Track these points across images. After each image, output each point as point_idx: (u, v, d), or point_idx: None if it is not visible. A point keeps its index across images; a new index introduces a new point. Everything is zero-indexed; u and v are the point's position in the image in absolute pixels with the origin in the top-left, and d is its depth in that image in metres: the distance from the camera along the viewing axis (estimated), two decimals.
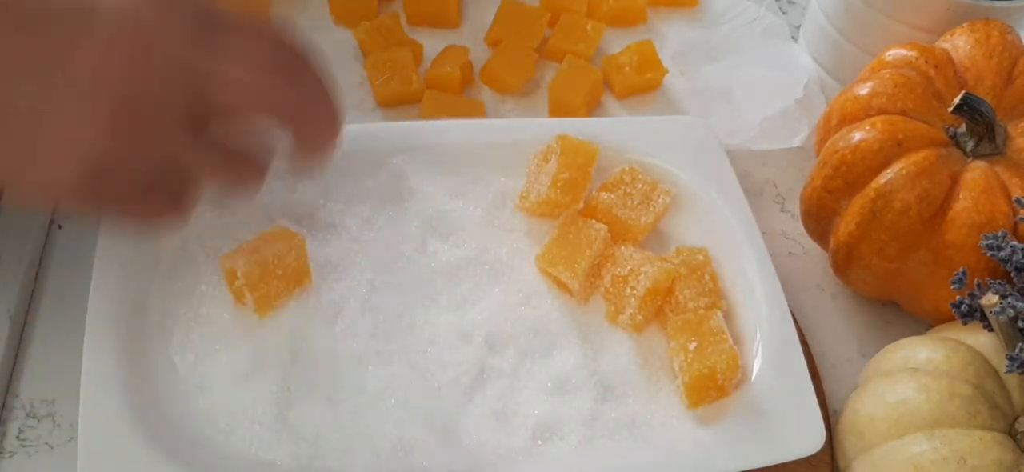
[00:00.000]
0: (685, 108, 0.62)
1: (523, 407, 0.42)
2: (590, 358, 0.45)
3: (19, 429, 0.44)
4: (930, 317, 0.50)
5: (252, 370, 0.42)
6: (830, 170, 0.49)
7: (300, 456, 0.40)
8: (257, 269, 0.42)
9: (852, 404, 0.44)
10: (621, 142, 0.52)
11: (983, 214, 0.45)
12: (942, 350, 0.42)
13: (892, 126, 0.48)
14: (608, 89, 0.63)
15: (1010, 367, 0.40)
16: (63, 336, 0.47)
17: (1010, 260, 0.43)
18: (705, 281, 0.46)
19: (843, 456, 0.44)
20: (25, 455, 0.43)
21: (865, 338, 0.54)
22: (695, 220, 0.50)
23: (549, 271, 0.47)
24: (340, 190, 0.49)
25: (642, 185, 0.50)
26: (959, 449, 0.39)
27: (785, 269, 0.55)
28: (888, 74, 0.51)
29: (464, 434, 0.41)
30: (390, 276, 0.46)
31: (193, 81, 0.34)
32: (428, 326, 0.45)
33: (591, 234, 0.47)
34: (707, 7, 0.70)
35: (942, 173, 0.47)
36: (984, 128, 0.47)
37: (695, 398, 0.43)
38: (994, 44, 0.51)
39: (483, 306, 0.46)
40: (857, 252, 0.48)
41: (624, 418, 0.43)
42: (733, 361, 0.43)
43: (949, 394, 0.40)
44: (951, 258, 0.46)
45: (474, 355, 0.44)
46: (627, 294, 0.45)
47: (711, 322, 0.44)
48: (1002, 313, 0.41)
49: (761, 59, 0.66)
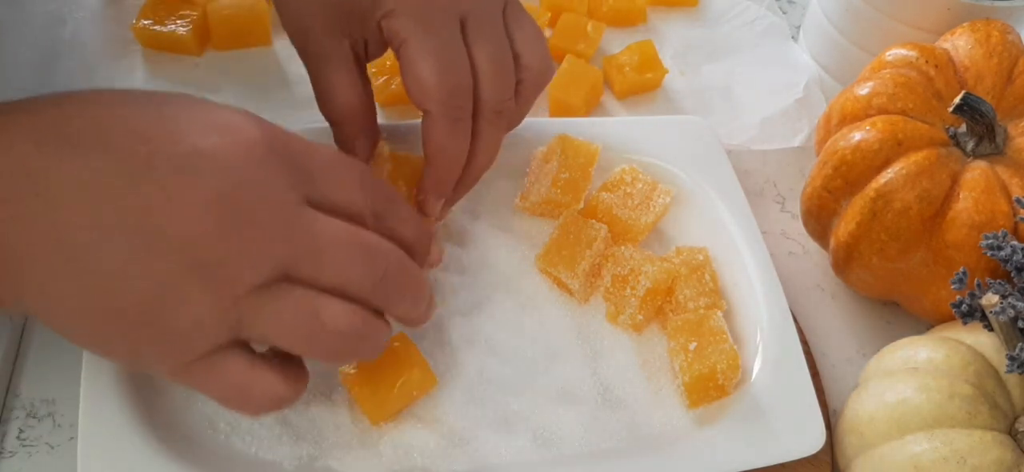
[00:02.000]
0: (685, 108, 0.62)
1: (523, 407, 0.42)
2: (590, 358, 0.45)
3: (19, 429, 0.44)
4: (930, 317, 0.50)
5: None
6: (830, 170, 0.49)
7: (301, 456, 0.39)
8: None
9: (852, 404, 0.44)
10: (621, 142, 0.52)
11: (983, 214, 0.45)
12: (942, 350, 0.42)
13: (892, 126, 0.48)
14: (608, 89, 0.63)
15: (1010, 367, 0.40)
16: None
17: (1010, 260, 0.43)
18: (705, 281, 0.46)
19: (843, 456, 0.44)
20: (25, 455, 0.43)
21: (865, 338, 0.54)
22: (695, 220, 0.50)
23: (549, 271, 0.47)
24: None
25: (642, 185, 0.50)
26: (959, 449, 0.39)
27: (785, 269, 0.55)
28: (888, 74, 0.51)
29: (465, 434, 0.41)
30: None
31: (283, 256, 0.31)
32: (428, 326, 0.45)
33: (591, 234, 0.47)
34: (707, 7, 0.70)
35: (942, 173, 0.47)
36: (984, 128, 0.47)
37: (695, 398, 0.43)
38: (994, 44, 0.51)
39: (483, 306, 0.46)
40: (857, 252, 0.48)
41: (624, 418, 0.43)
42: (733, 361, 0.43)
43: (949, 394, 0.40)
44: (951, 258, 0.46)
45: (474, 355, 0.44)
46: (627, 294, 0.45)
47: (711, 322, 0.44)
48: (1002, 313, 0.41)
49: (761, 59, 0.66)
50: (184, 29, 0.57)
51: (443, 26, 0.40)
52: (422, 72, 0.40)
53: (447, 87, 0.40)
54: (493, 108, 0.42)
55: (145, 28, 0.57)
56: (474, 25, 0.41)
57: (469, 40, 0.41)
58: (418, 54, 0.40)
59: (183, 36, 0.57)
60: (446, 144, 0.41)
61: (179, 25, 0.57)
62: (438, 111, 0.40)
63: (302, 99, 0.56)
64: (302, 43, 0.42)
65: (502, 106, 0.42)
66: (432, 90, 0.40)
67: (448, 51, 0.40)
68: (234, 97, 0.56)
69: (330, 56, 0.42)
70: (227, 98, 0.56)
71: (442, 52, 0.40)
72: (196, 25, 0.58)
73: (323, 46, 0.41)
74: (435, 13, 0.40)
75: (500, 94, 0.42)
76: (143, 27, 0.57)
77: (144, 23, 0.57)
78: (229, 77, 0.58)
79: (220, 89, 0.57)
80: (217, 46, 0.59)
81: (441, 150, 0.41)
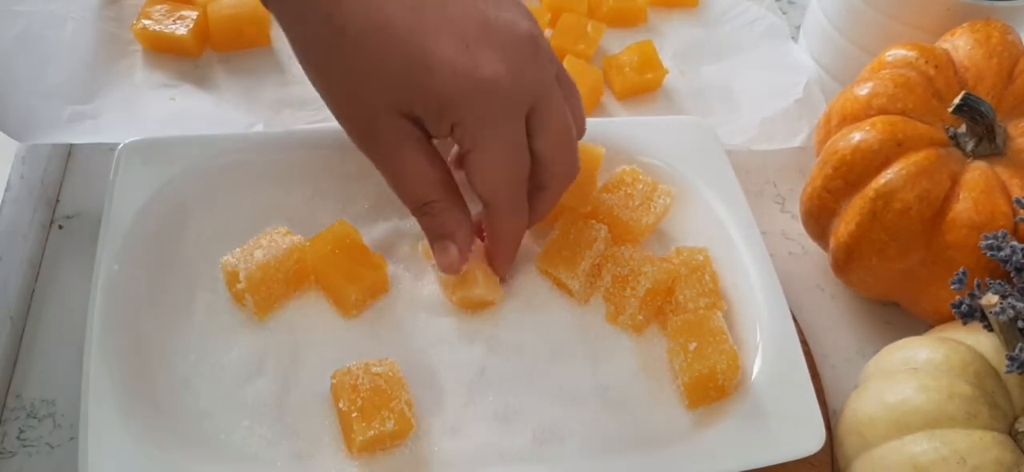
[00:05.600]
0: (685, 108, 0.62)
1: (524, 407, 0.42)
2: (590, 359, 0.45)
3: (19, 429, 0.44)
4: (930, 317, 0.50)
5: (252, 370, 0.42)
6: (830, 170, 0.49)
7: (300, 455, 0.40)
8: (258, 272, 0.42)
9: (852, 404, 0.44)
10: (621, 142, 0.52)
11: (983, 214, 0.45)
12: (942, 350, 0.42)
13: (892, 126, 0.48)
14: (608, 89, 0.63)
15: (1010, 367, 0.40)
16: (63, 336, 0.47)
17: (1010, 260, 0.43)
18: (705, 281, 0.46)
19: (843, 456, 0.44)
20: (25, 455, 0.43)
21: (865, 338, 0.54)
22: (695, 220, 0.50)
23: (549, 272, 0.47)
24: (339, 190, 0.49)
25: (643, 186, 0.49)
26: (959, 449, 0.39)
27: (785, 269, 0.55)
28: (888, 74, 0.51)
29: (466, 435, 0.41)
30: (391, 276, 0.46)
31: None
32: (429, 327, 0.45)
33: (591, 235, 0.47)
34: (707, 7, 0.70)
35: (942, 173, 0.47)
36: (984, 128, 0.47)
37: (695, 398, 0.43)
38: (994, 44, 0.51)
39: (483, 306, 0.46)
40: (857, 252, 0.48)
41: (624, 418, 0.43)
42: (733, 361, 0.43)
43: (949, 394, 0.40)
44: (951, 258, 0.46)
45: (476, 356, 0.44)
46: (627, 294, 0.45)
47: (711, 322, 0.44)
48: (1002, 313, 0.41)
49: (761, 59, 0.66)
50: (184, 29, 0.57)
51: (508, 128, 0.40)
52: (489, 177, 0.41)
53: (512, 187, 0.41)
54: (553, 189, 0.43)
55: (145, 28, 0.57)
56: (539, 117, 0.40)
57: (532, 131, 0.41)
58: (487, 161, 0.40)
59: (183, 36, 0.57)
60: (509, 229, 0.43)
61: (179, 25, 0.57)
62: (503, 207, 0.42)
63: (302, 99, 0.56)
64: (367, 124, 0.40)
65: (562, 183, 0.44)
66: (499, 191, 0.41)
67: (513, 152, 0.40)
68: (234, 97, 0.56)
69: (408, 134, 0.40)
70: (227, 98, 0.56)
71: (509, 154, 0.40)
72: (196, 25, 0.58)
73: (398, 125, 0.39)
74: (500, 119, 0.39)
75: (560, 177, 0.43)
76: (143, 27, 0.57)
77: (144, 23, 0.57)
78: (229, 77, 0.58)
79: (220, 89, 0.57)
80: (217, 46, 0.59)
81: (506, 234, 0.44)
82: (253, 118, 0.55)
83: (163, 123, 0.53)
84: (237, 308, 0.44)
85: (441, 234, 0.42)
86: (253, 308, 0.43)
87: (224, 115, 0.55)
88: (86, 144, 0.54)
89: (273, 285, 0.43)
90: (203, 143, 0.47)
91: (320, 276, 0.44)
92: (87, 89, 0.54)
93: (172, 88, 0.56)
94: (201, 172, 0.46)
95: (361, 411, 0.39)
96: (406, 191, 0.41)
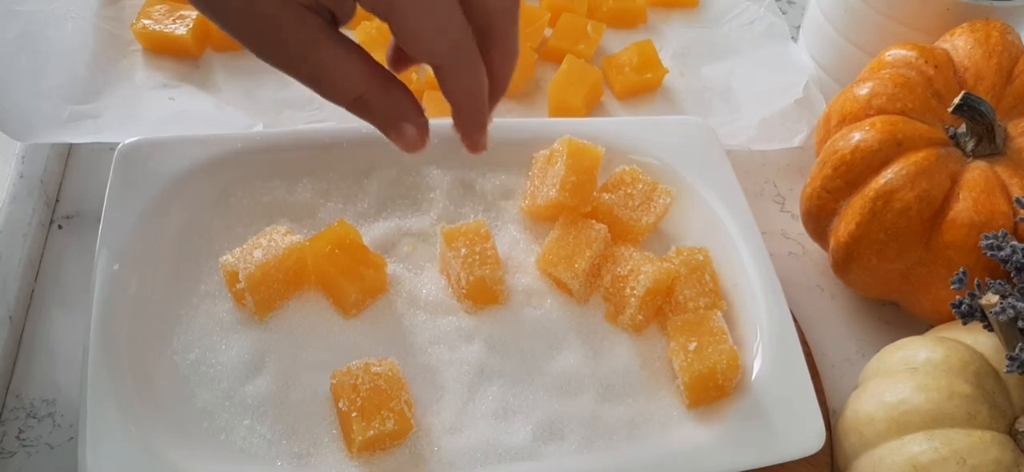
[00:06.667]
0: (685, 108, 0.62)
1: (524, 407, 0.42)
2: (590, 358, 0.45)
3: (19, 429, 0.44)
4: (930, 317, 0.50)
5: (252, 370, 0.42)
6: (830, 170, 0.49)
7: (300, 455, 0.40)
8: (258, 272, 0.42)
9: (852, 404, 0.44)
10: (621, 142, 0.52)
11: (983, 214, 0.45)
12: (942, 350, 0.42)
13: (892, 126, 0.48)
14: (608, 89, 0.63)
15: (1010, 367, 0.40)
16: (63, 336, 0.47)
17: (1010, 260, 0.43)
18: (705, 281, 0.46)
19: (843, 456, 0.44)
20: (25, 455, 0.43)
21: (865, 338, 0.54)
22: (695, 220, 0.50)
23: (549, 271, 0.47)
24: (339, 189, 0.49)
25: (643, 186, 0.49)
26: (959, 449, 0.39)
27: (785, 269, 0.55)
28: (888, 74, 0.51)
29: (466, 434, 0.41)
30: (391, 276, 0.46)
31: None
32: (429, 326, 0.45)
33: (591, 234, 0.47)
34: (707, 7, 0.70)
35: (942, 173, 0.47)
36: (984, 128, 0.47)
37: (695, 398, 0.43)
38: (994, 44, 0.51)
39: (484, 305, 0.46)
40: (857, 252, 0.49)
41: (624, 418, 0.43)
42: (733, 361, 0.43)
43: (949, 394, 0.40)
44: (951, 258, 0.46)
45: (476, 355, 0.44)
46: (627, 294, 0.45)
47: (711, 322, 0.44)
48: (1002, 313, 0.41)
49: (761, 59, 0.66)
50: (184, 29, 0.57)
51: None
52: (422, 31, 0.36)
53: (452, 34, 0.36)
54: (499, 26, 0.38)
55: (145, 28, 0.57)
56: None
57: None
58: (412, 13, 0.35)
59: (183, 36, 0.57)
60: (468, 85, 0.38)
61: (179, 25, 0.58)
62: (450, 60, 0.37)
63: (302, 99, 0.56)
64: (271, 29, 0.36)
65: (506, 18, 0.38)
66: (438, 43, 0.36)
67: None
68: (234, 97, 0.56)
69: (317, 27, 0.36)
70: (226, 98, 0.56)
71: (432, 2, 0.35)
72: (196, 25, 0.58)
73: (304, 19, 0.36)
74: None
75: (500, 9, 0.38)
76: (143, 27, 0.57)
77: (144, 23, 0.57)
78: (229, 77, 0.58)
79: (220, 89, 0.57)
80: (217, 46, 0.59)
81: (466, 93, 0.39)
82: (253, 118, 0.55)
83: (163, 123, 0.53)
84: (237, 308, 0.44)
85: (388, 120, 0.39)
86: (253, 308, 0.43)
87: (224, 115, 0.55)
88: (86, 144, 0.54)
89: (273, 285, 0.43)
90: (203, 143, 0.47)
91: (320, 276, 0.44)
92: (87, 89, 0.54)
93: (172, 88, 0.56)
94: (201, 172, 0.46)
95: (361, 411, 0.39)
96: (333, 90, 0.38)
